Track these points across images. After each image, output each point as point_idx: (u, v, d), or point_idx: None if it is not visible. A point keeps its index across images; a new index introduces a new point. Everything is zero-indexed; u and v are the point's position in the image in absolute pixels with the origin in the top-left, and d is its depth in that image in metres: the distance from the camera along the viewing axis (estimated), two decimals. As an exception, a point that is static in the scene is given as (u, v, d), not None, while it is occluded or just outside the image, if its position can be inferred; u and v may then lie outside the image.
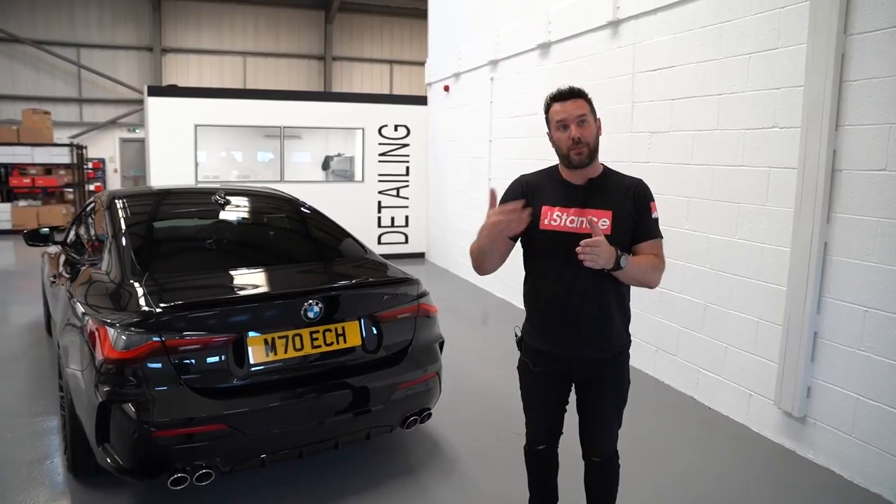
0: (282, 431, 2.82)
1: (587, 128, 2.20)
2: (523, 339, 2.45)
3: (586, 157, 2.22)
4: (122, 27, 19.06)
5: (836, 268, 3.36)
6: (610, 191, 2.27)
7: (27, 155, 13.11)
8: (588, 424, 2.42)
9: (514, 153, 7.05)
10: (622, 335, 2.36)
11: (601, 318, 2.28)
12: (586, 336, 2.28)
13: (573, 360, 2.31)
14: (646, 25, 4.83)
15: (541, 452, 2.52)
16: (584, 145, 2.19)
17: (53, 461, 3.40)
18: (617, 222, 2.22)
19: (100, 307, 2.88)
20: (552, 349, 2.33)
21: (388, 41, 21.75)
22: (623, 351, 2.38)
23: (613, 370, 2.35)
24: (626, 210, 2.24)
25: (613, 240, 2.16)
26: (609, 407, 2.38)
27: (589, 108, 2.23)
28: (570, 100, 2.21)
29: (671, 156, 4.57)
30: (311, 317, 2.89)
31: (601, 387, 2.35)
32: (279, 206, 4.22)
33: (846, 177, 3.30)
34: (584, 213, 2.22)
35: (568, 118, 2.20)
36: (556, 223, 2.24)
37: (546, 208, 2.27)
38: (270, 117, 9.64)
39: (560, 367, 2.34)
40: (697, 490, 3.25)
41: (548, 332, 2.34)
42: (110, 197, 3.78)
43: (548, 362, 2.35)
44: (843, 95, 3.29)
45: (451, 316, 6.28)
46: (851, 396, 3.29)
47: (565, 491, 2.66)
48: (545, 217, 2.26)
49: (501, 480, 3.26)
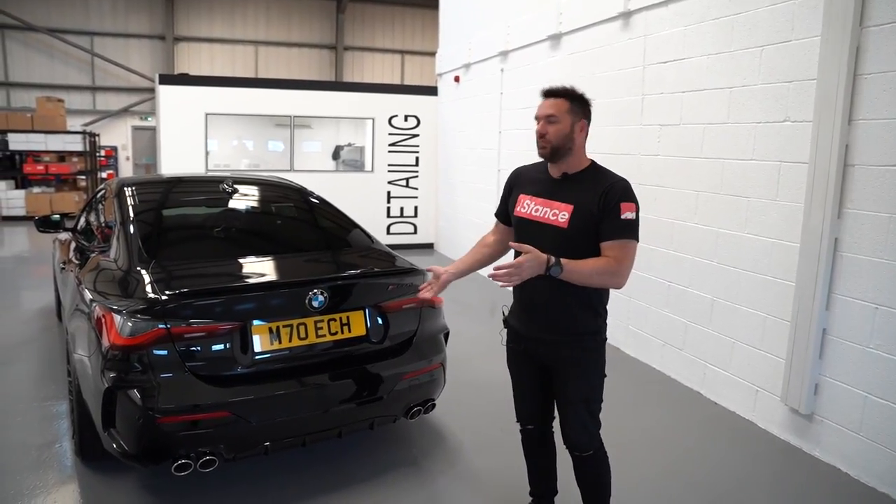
0: (285, 420, 2.83)
1: (553, 126, 2.33)
2: (507, 318, 2.60)
3: (548, 153, 2.36)
4: (135, 16, 19.14)
5: (847, 264, 3.32)
6: (580, 186, 2.33)
7: (41, 142, 13.23)
8: (560, 413, 2.48)
9: (523, 144, 7.01)
10: (583, 321, 2.37)
11: (557, 304, 2.36)
12: (542, 318, 2.40)
13: (535, 340, 2.44)
14: (657, 17, 4.78)
15: (530, 433, 2.61)
16: (546, 141, 2.35)
17: (62, 445, 3.44)
18: (576, 217, 2.28)
19: (107, 294, 2.90)
20: (521, 329, 2.50)
21: (400, 31, 21.69)
22: (586, 338, 2.38)
23: (576, 354, 2.37)
24: (588, 207, 2.26)
25: (569, 234, 2.27)
26: (573, 393, 2.40)
27: (567, 108, 2.33)
28: (551, 98, 2.38)
29: (681, 149, 4.53)
30: (315, 306, 2.89)
31: (565, 372, 2.41)
32: (287, 195, 4.23)
33: (858, 172, 3.25)
34: (548, 203, 2.36)
35: (539, 115, 2.39)
36: (524, 211, 2.43)
37: (522, 196, 2.47)
38: (281, 106, 9.65)
39: (527, 346, 2.48)
40: (702, 486, 3.24)
41: (517, 312, 2.52)
42: (119, 184, 3.80)
43: (521, 341, 2.51)
44: (857, 89, 3.24)
45: (457, 307, 6.28)
46: (860, 394, 3.26)
47: (566, 484, 2.66)
48: (519, 204, 2.47)
49: (505, 471, 3.26)
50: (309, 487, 3.09)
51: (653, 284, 4.79)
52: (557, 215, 2.31)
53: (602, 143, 5.45)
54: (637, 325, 5.02)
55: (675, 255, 4.60)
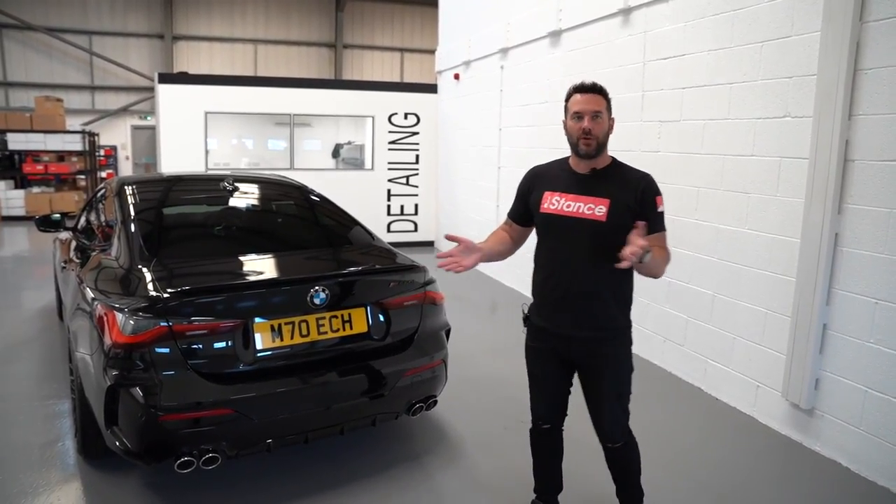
0: (288, 417, 2.84)
1: (599, 123, 2.32)
2: (528, 316, 2.56)
3: (593, 149, 2.34)
4: (133, 15, 19.12)
5: (847, 259, 3.33)
6: (612, 181, 2.37)
7: (40, 142, 13.21)
8: (591, 408, 2.51)
9: (523, 141, 7.01)
10: (616, 317, 2.42)
11: (593, 299, 2.37)
12: (578, 315, 2.38)
13: (569, 338, 2.41)
14: (657, 13, 4.78)
15: (545, 432, 2.59)
16: (592, 138, 2.31)
17: (65, 443, 3.45)
18: (613, 210, 2.30)
19: (109, 292, 2.90)
20: (549, 326, 2.45)
21: (399, 29, 21.67)
22: (619, 333, 2.44)
23: (609, 350, 2.42)
24: (625, 201, 2.31)
25: (607, 228, 2.28)
26: (607, 388, 2.44)
27: (606, 105, 2.36)
28: (591, 94, 2.34)
29: (681, 145, 4.53)
30: (317, 303, 2.90)
31: (598, 368, 2.43)
32: (287, 193, 4.23)
33: (859, 167, 3.25)
34: (580, 198, 2.35)
35: (584, 110, 2.32)
36: (554, 207, 2.40)
37: (547, 193, 2.43)
38: (281, 105, 9.65)
39: (558, 345, 2.45)
40: (703, 480, 3.25)
41: (546, 310, 2.47)
42: (120, 183, 3.80)
43: (546, 339, 2.48)
44: (857, 84, 3.24)
45: (459, 304, 6.28)
46: (860, 389, 3.27)
47: (569, 479, 2.67)
48: (545, 201, 2.43)
49: (507, 468, 3.27)
50: (311, 484, 3.10)
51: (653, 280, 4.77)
52: (594, 209, 2.31)
53: (602, 140, 5.46)
54: (638, 322, 4.96)
55: (676, 251, 4.53)
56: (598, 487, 2.93)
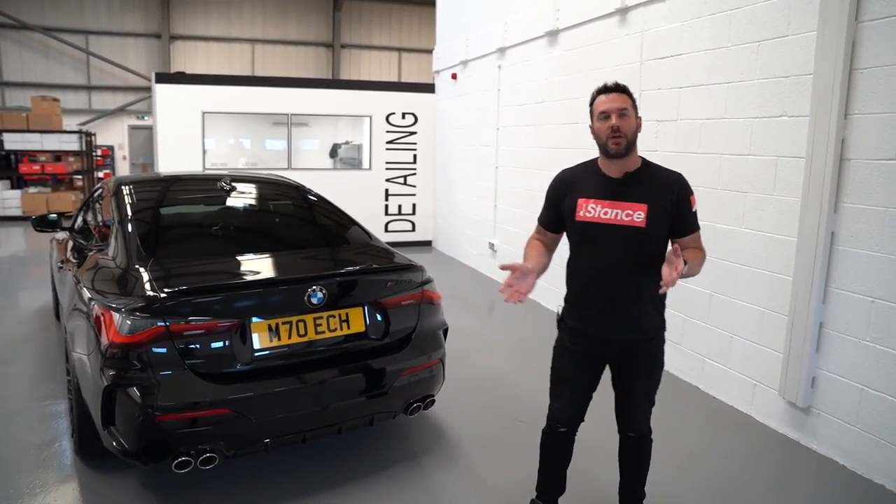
0: (285, 416, 2.84)
1: (626, 120, 2.31)
2: (563, 318, 2.55)
3: (623, 148, 2.31)
4: (130, 14, 19.07)
5: (843, 258, 3.34)
6: (647, 184, 2.36)
7: (37, 142, 13.17)
8: (623, 402, 2.57)
9: (521, 141, 7.02)
10: (655, 320, 2.47)
11: (634, 305, 2.39)
12: (619, 321, 2.39)
13: (608, 342, 2.43)
14: (654, 13, 4.78)
15: (561, 435, 2.58)
16: (621, 136, 2.29)
17: (62, 444, 3.44)
18: (652, 216, 2.31)
19: (106, 292, 2.90)
20: (589, 330, 2.45)
21: (397, 29, 21.65)
22: (657, 334, 2.49)
23: (647, 351, 2.48)
24: (662, 204, 2.33)
25: (648, 233, 2.29)
26: (642, 388, 2.53)
27: (631, 103, 2.35)
28: (615, 93, 2.34)
29: (678, 144, 4.54)
30: (314, 303, 2.90)
31: (635, 368, 2.50)
32: (285, 192, 4.23)
33: (854, 166, 3.26)
34: (618, 205, 2.33)
35: (610, 109, 2.31)
36: (591, 214, 2.36)
37: (581, 200, 2.39)
38: (278, 105, 9.64)
39: (596, 348, 2.47)
40: (701, 479, 3.26)
41: (585, 315, 2.45)
42: (117, 183, 3.79)
43: (584, 343, 2.48)
44: (852, 83, 3.25)
45: (457, 304, 6.29)
46: (856, 387, 3.28)
47: (570, 480, 2.67)
48: (580, 209, 2.38)
49: (505, 468, 3.28)
50: (309, 483, 3.10)
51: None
52: (632, 216, 2.30)
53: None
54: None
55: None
56: (599, 489, 2.94)
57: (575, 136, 5.83)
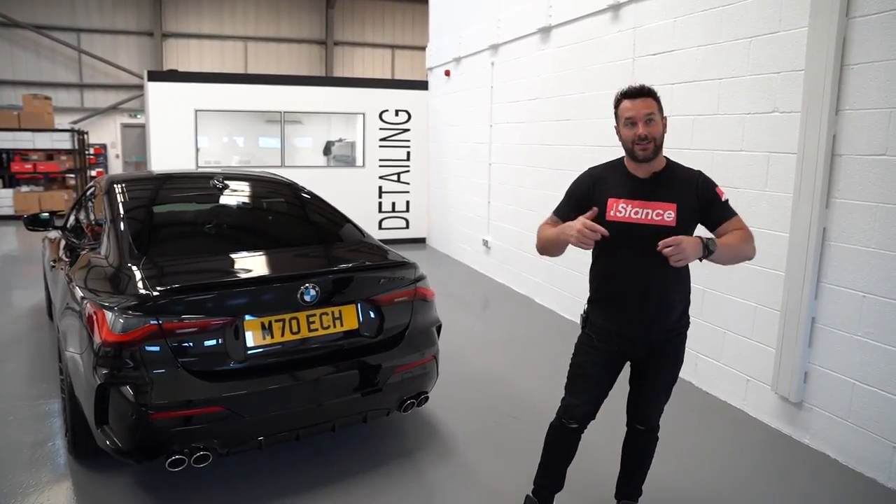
0: (279, 414, 2.84)
1: (654, 126, 2.31)
2: (588, 316, 2.56)
3: (651, 153, 2.32)
4: (122, 12, 18.97)
5: (835, 253, 3.36)
6: (674, 183, 2.39)
7: (28, 140, 13.10)
8: (640, 397, 2.60)
9: (515, 138, 7.02)
10: (682, 318, 2.52)
11: (664, 304, 2.42)
12: (650, 320, 2.42)
13: (638, 340, 2.45)
14: (646, 9, 4.79)
15: (571, 431, 2.58)
16: (649, 141, 2.30)
17: (55, 443, 3.43)
18: (681, 214, 2.33)
19: (98, 291, 2.89)
20: (618, 329, 2.46)
21: (390, 26, 21.62)
22: (682, 332, 2.54)
23: (672, 349, 2.52)
24: (689, 202, 2.36)
25: (677, 232, 2.28)
26: (662, 384, 2.57)
27: (657, 106, 2.34)
28: (640, 98, 2.32)
29: (670, 140, 4.45)
30: (307, 300, 2.90)
31: (658, 365, 2.53)
32: (278, 190, 4.22)
33: (846, 161, 3.28)
34: (648, 205, 2.34)
35: (636, 116, 2.30)
36: (622, 214, 2.36)
37: (612, 200, 2.39)
38: (271, 102, 9.61)
39: (623, 346, 2.48)
40: (694, 474, 3.27)
41: (615, 314, 2.47)
42: (109, 181, 3.78)
43: (613, 341, 2.48)
44: (843, 79, 3.27)
45: (451, 301, 6.30)
46: (848, 382, 3.30)
47: (571, 476, 2.68)
48: (611, 209, 2.38)
49: (499, 463, 3.28)
50: (303, 481, 3.10)
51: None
52: (662, 215, 2.32)
53: (593, 136, 5.47)
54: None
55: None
56: (595, 486, 2.95)
57: (568, 133, 5.83)
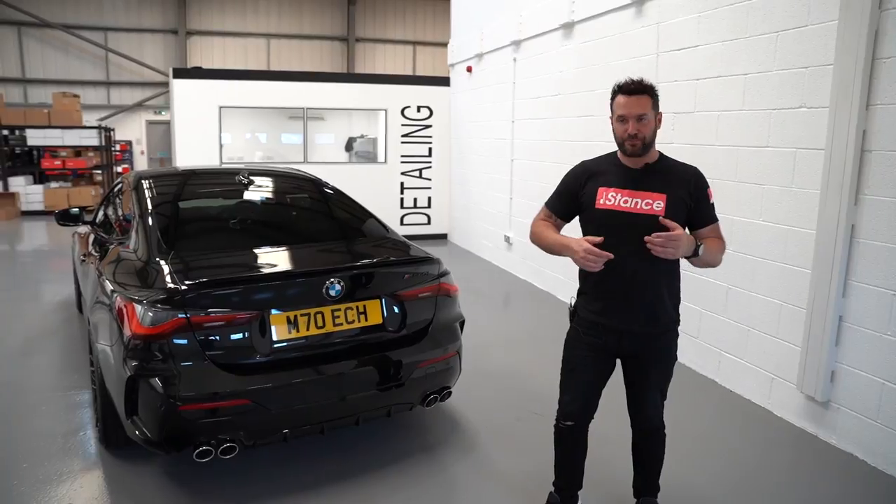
0: (304, 407, 2.88)
1: (645, 125, 2.32)
2: (576, 310, 2.56)
3: (639, 149, 2.35)
4: (147, 10, 19.26)
5: (864, 250, 3.30)
6: (665, 175, 2.40)
7: (58, 137, 13.37)
8: (635, 396, 2.57)
9: (536, 134, 7.00)
10: (670, 313, 2.47)
11: (651, 296, 2.40)
12: (636, 311, 2.40)
13: (624, 332, 2.43)
14: (671, 4, 4.74)
15: (570, 429, 2.58)
16: (639, 139, 2.33)
17: (86, 433, 3.52)
18: (670, 206, 2.33)
19: (127, 284, 2.95)
20: (604, 321, 2.45)
21: (412, 22, 21.64)
22: (671, 327, 2.50)
23: (661, 344, 2.49)
24: (680, 196, 2.36)
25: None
26: (653, 381, 2.53)
27: (651, 103, 2.34)
28: (635, 96, 2.32)
29: (695, 137, 4.50)
30: (332, 295, 2.93)
31: (646, 361, 2.49)
32: (302, 186, 4.26)
33: (876, 157, 3.22)
34: (637, 194, 2.35)
35: (628, 115, 2.32)
36: (611, 203, 2.38)
37: (602, 189, 2.41)
38: (294, 99, 9.69)
39: (610, 340, 2.45)
40: (718, 473, 3.25)
41: (601, 305, 2.46)
42: (137, 178, 3.85)
43: (599, 334, 2.47)
44: (875, 73, 3.20)
45: (473, 297, 6.31)
46: (877, 381, 3.25)
47: (590, 474, 2.68)
48: (601, 197, 2.40)
49: (521, 459, 3.29)
50: (325, 474, 3.14)
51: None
52: (651, 205, 2.32)
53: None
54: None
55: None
56: (618, 486, 2.94)
57: (590, 129, 5.80)
